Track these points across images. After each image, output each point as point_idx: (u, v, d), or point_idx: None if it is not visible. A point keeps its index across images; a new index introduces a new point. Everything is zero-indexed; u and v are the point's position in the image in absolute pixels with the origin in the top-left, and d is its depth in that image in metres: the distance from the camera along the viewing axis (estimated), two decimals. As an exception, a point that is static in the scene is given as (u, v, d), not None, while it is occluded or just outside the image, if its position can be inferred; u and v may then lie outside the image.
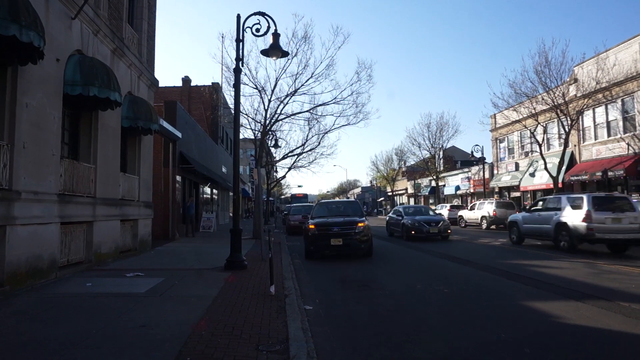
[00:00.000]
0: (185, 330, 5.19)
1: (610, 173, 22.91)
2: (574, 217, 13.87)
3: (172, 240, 18.20)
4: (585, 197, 13.93)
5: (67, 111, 10.17)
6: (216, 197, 33.26)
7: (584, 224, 13.36)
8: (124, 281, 8.61)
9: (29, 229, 7.89)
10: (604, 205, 13.58)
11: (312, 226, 12.98)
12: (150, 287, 7.87)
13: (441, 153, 47.48)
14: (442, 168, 47.27)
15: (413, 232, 19.13)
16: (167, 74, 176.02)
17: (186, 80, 34.65)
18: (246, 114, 21.46)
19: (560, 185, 25.88)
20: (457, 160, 54.28)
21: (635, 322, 5.84)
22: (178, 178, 20.31)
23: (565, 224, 14.15)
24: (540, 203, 16.63)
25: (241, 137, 21.65)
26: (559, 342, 5.12)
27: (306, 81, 20.60)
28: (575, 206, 14.10)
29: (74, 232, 9.85)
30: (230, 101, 23.45)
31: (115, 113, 11.57)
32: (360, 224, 12.72)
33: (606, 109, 25.00)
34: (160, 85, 17.65)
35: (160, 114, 17.44)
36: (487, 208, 28.45)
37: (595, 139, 25.97)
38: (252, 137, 23.35)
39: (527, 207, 17.89)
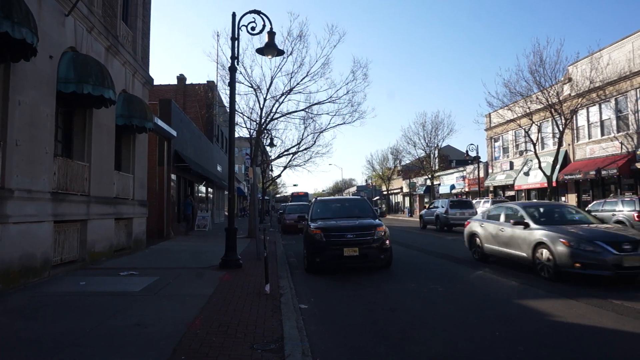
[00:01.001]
0: (180, 329, 5.17)
1: (603, 172, 23.07)
2: (441, 211, 25.32)
3: (167, 238, 18.14)
4: (446, 201, 26.36)
5: (61, 109, 10.09)
6: (211, 195, 33.19)
7: (445, 214, 24.84)
8: (118, 280, 8.57)
9: (22, 228, 7.82)
10: (456, 205, 25.35)
11: (316, 231, 10.15)
12: (144, 286, 7.84)
13: (436, 152, 47.60)
14: (437, 167, 47.38)
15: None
16: (162, 72, 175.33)
17: (181, 78, 34.53)
18: (241, 113, 21.38)
19: (554, 184, 26.02)
20: (452, 159, 54.48)
21: (627, 320, 5.89)
22: (173, 177, 20.24)
23: (438, 215, 25.52)
24: (433, 204, 28.16)
25: (236, 135, 21.57)
26: (552, 339, 5.15)
27: (302, 80, 20.54)
28: (443, 205, 25.75)
29: (68, 231, 9.79)
30: (225, 99, 23.38)
31: (110, 111, 11.51)
32: (379, 229, 10.16)
33: (600, 108, 25.16)
34: (155, 83, 17.58)
35: (155, 112, 17.35)
36: (482, 207, 28.51)
37: (589, 138, 26.13)
38: (248, 136, 23.28)
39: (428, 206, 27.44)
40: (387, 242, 10.18)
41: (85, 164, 10.58)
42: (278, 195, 78.82)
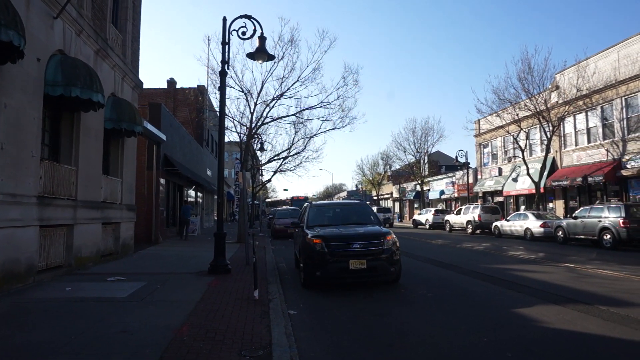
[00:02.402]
0: (167, 336, 5.11)
1: (590, 179, 23.38)
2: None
3: (156, 243, 17.97)
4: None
5: (48, 112, 9.98)
6: (200, 200, 32.98)
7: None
8: (105, 285, 8.46)
9: (6, 232, 7.69)
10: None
11: (316, 240, 8.81)
12: (131, 292, 7.74)
13: (426, 158, 47.97)
14: (426, 173, 47.72)
15: None
16: (152, 76, 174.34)
17: (171, 82, 34.37)
18: (232, 117, 21.37)
19: (542, 190, 26.33)
20: (442, 165, 54.90)
21: (613, 326, 5.95)
22: (162, 181, 20.08)
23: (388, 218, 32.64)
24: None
25: (226, 140, 21.50)
26: (540, 346, 5.18)
27: (292, 85, 20.63)
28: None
29: (54, 236, 9.65)
30: (215, 104, 23.33)
31: (98, 114, 11.40)
32: (388, 237, 8.95)
33: (586, 115, 25.55)
34: (145, 87, 17.46)
35: (144, 116, 17.23)
36: (472, 213, 28.73)
37: (576, 145, 26.50)
38: (238, 140, 23.25)
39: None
40: (398, 252, 9.08)
41: (73, 167, 10.45)
42: (268, 200, 78.06)
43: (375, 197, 62.98)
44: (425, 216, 36.40)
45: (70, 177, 10.34)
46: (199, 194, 31.68)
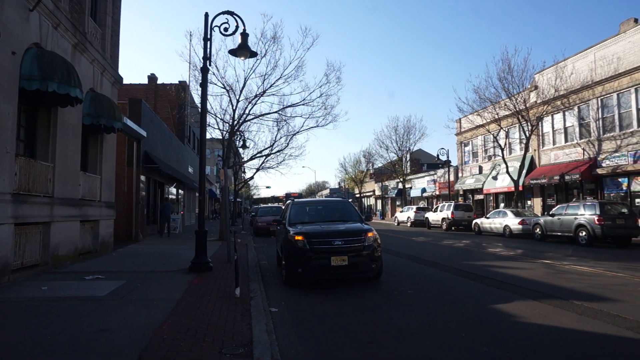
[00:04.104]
0: (147, 334, 5.06)
1: (567, 177, 23.94)
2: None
3: (136, 241, 17.72)
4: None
5: (24, 107, 9.73)
6: (182, 197, 32.63)
7: None
8: (82, 284, 8.31)
9: (-20, 230, 7.49)
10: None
11: (298, 237, 8.80)
12: (110, 290, 7.63)
13: (408, 156, 48.35)
14: (408, 170, 48.12)
15: None
16: (132, 71, 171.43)
17: (152, 77, 33.84)
18: (214, 114, 21.19)
19: (520, 188, 26.84)
20: (424, 163, 55.38)
21: (586, 320, 6.12)
22: (142, 178, 19.79)
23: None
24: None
25: (208, 137, 21.32)
26: (516, 340, 5.30)
27: (275, 82, 20.55)
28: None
29: (30, 234, 9.43)
30: (197, 100, 23.04)
31: (76, 110, 11.17)
32: (370, 234, 9.03)
33: (564, 115, 26.12)
34: (125, 82, 17.17)
35: (124, 112, 16.94)
36: (447, 210, 29.51)
37: (554, 144, 27.07)
38: (220, 137, 23.06)
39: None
40: (379, 249, 9.14)
41: (50, 164, 10.22)
42: (259, 197, 76.70)
43: (357, 195, 63.28)
44: (407, 214, 36.79)
45: (47, 174, 10.11)
46: (180, 191, 31.34)
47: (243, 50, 10.73)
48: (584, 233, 17.53)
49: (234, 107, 20.56)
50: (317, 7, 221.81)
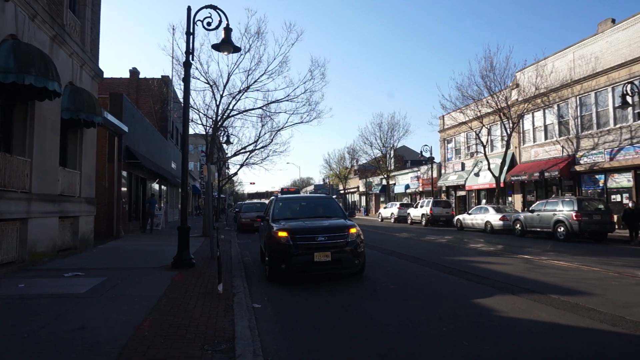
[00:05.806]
0: (127, 332, 5.00)
1: (546, 174, 24.41)
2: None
3: (117, 238, 17.47)
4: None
5: (0, 101, 9.48)
6: (165, 193, 32.25)
7: None
8: (61, 281, 8.16)
9: (-46, 227, 7.29)
10: None
11: (283, 233, 8.78)
12: (90, 287, 7.52)
13: (392, 152, 48.64)
14: (392, 167, 48.42)
15: None
16: (113, 65, 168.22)
17: (134, 72, 33.26)
18: (197, 109, 20.95)
19: (502, 184, 27.27)
20: (407, 159, 55.85)
21: (563, 313, 6.27)
22: (124, 173, 19.49)
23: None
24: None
25: (192, 132, 21.07)
26: (495, 334, 5.40)
27: (259, 77, 20.39)
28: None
29: (6, 230, 9.21)
30: (180, 95, 22.74)
31: (54, 104, 10.92)
32: (352, 230, 9.05)
33: (544, 113, 26.59)
34: (106, 76, 16.84)
35: (104, 106, 16.65)
36: (426, 207, 30.05)
37: (534, 142, 27.55)
38: (203, 133, 22.83)
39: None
40: (362, 244, 9.19)
41: (27, 159, 9.99)
42: (251, 192, 74.77)
43: (342, 191, 63.44)
44: (391, 210, 37.05)
45: (24, 169, 9.88)
46: (163, 187, 30.97)
47: (226, 45, 10.63)
48: (562, 229, 17.92)
49: (218, 103, 20.37)
50: (299, 3, 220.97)
